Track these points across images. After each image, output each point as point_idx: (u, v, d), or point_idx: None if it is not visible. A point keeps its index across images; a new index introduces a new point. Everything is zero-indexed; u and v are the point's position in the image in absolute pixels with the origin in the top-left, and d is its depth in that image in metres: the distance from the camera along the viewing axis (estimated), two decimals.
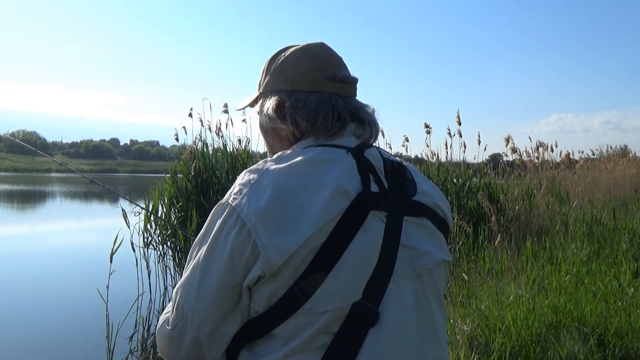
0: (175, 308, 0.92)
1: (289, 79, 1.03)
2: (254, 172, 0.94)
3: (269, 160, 0.96)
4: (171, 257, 6.23)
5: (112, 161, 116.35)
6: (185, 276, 0.93)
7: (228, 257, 0.87)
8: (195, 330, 0.90)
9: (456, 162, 8.08)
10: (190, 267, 0.92)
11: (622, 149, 18.28)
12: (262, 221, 0.85)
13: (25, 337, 4.65)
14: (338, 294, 0.85)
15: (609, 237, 5.89)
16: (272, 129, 1.08)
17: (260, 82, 1.10)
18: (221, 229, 0.89)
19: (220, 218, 0.91)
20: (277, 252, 0.83)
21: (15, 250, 9.26)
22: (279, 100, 1.02)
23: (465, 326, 3.12)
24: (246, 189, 0.90)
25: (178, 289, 0.93)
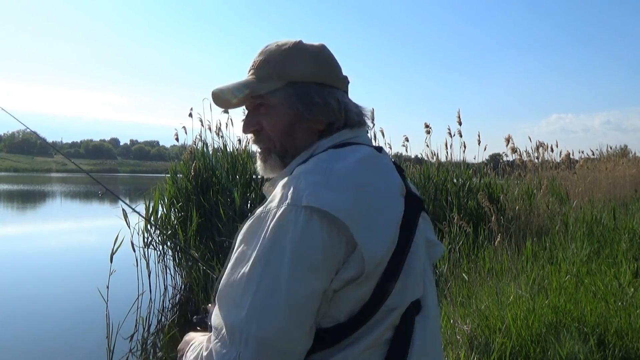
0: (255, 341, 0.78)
1: (329, 74, 1.04)
2: (317, 173, 0.88)
3: (321, 159, 0.92)
4: (171, 257, 6.23)
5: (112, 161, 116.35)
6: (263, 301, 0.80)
7: (321, 260, 0.81)
8: (283, 356, 0.80)
9: (456, 162, 8.09)
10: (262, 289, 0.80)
11: (622, 149, 18.27)
12: (355, 219, 0.82)
13: (25, 337, 4.65)
14: (408, 290, 0.90)
15: (609, 237, 5.88)
16: (306, 121, 1.01)
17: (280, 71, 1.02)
18: (310, 235, 0.81)
19: (298, 224, 0.81)
20: (375, 250, 0.83)
21: (15, 250, 9.26)
22: (333, 93, 1.02)
23: (465, 326, 3.12)
24: (322, 188, 0.84)
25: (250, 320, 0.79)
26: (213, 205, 5.97)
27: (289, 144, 1.03)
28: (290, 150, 1.03)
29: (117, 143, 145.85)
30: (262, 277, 0.81)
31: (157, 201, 6.20)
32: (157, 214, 6.18)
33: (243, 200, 6.11)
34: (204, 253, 5.88)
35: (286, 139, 1.02)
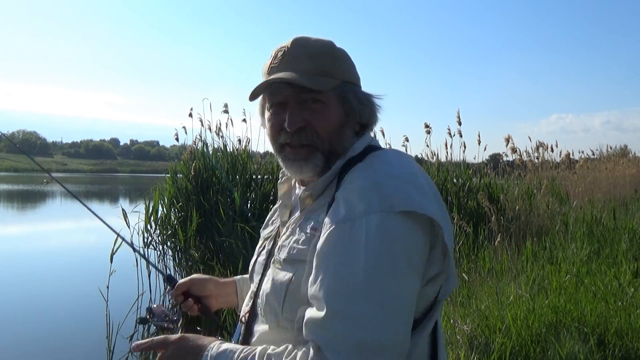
0: (351, 352, 0.78)
1: (356, 73, 1.06)
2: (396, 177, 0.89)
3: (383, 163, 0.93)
4: (171, 257, 6.23)
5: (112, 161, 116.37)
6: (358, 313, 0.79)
7: (419, 262, 0.86)
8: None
9: (456, 162, 8.09)
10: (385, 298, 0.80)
11: (622, 149, 18.27)
12: (443, 220, 0.88)
13: (25, 337, 4.65)
14: (451, 282, 0.96)
15: (609, 237, 5.89)
16: (353, 122, 1.03)
17: (336, 70, 1.01)
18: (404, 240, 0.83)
19: (394, 229, 0.83)
20: (451, 248, 0.90)
21: (15, 250, 9.26)
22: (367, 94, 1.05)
23: (465, 326, 3.12)
24: (410, 192, 0.86)
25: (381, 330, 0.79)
26: (213, 205, 5.97)
27: (337, 144, 1.00)
28: (337, 150, 1.00)
29: (117, 143, 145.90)
30: (382, 287, 0.81)
31: (157, 201, 6.20)
32: (157, 214, 6.18)
33: (243, 200, 6.11)
34: (204, 253, 5.89)
35: (336, 139, 1.00)
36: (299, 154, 1.00)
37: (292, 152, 1.01)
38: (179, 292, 1.27)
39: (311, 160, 0.99)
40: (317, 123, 0.98)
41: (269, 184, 6.55)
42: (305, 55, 0.99)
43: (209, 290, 1.29)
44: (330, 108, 0.99)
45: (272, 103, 1.03)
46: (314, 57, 0.99)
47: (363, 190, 0.87)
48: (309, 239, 0.94)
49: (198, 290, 1.28)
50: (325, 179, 0.98)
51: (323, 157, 0.99)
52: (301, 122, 0.98)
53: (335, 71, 1.00)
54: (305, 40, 1.01)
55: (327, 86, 0.98)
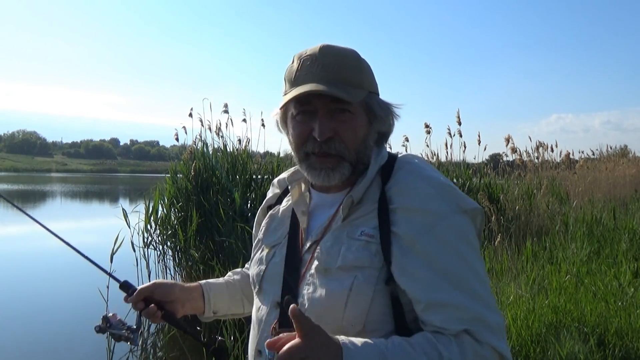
0: (502, 329, 0.94)
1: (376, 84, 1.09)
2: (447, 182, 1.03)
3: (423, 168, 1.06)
4: (171, 257, 6.23)
5: (112, 161, 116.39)
6: (480, 296, 0.93)
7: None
8: None
9: (456, 162, 8.08)
10: (484, 288, 0.95)
11: (622, 149, 18.26)
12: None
13: (25, 337, 4.65)
14: None
15: (609, 237, 5.89)
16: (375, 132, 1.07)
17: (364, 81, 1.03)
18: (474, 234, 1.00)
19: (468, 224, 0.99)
20: None
21: (15, 250, 9.26)
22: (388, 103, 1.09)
23: None
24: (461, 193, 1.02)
25: (490, 311, 0.93)
26: (213, 205, 5.97)
27: (362, 154, 1.03)
28: (363, 159, 1.03)
29: (117, 143, 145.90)
30: (479, 274, 0.96)
31: (157, 201, 6.20)
32: (157, 214, 6.18)
33: (243, 200, 6.11)
34: (204, 253, 5.88)
35: (361, 149, 1.03)
36: (326, 163, 1.01)
37: (319, 161, 1.02)
38: (139, 298, 1.21)
39: (338, 170, 1.01)
40: (345, 133, 1.00)
41: (269, 184, 6.54)
42: (334, 65, 0.99)
43: (174, 295, 1.23)
44: (357, 118, 1.01)
45: (298, 111, 1.02)
46: (342, 67, 1.00)
47: (427, 193, 0.98)
48: (365, 245, 0.97)
49: (162, 296, 1.22)
50: (364, 184, 1.02)
51: (350, 166, 1.02)
52: (330, 131, 0.99)
53: (362, 82, 1.02)
54: (333, 49, 1.02)
55: (357, 97, 0.99)
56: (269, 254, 1.13)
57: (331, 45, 1.03)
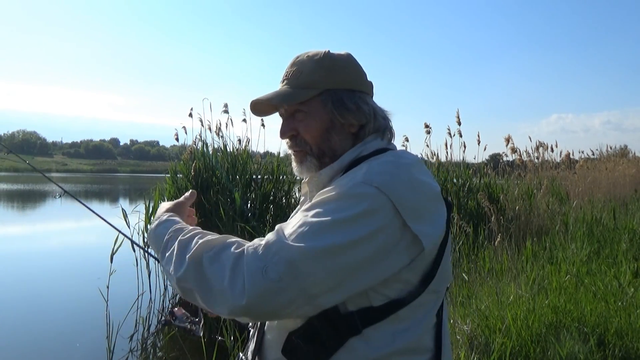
0: (286, 262, 0.85)
1: (358, 80, 1.14)
2: (388, 163, 0.99)
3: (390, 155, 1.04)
4: None
5: (112, 161, 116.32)
6: (307, 237, 0.87)
7: (376, 237, 0.90)
8: (301, 291, 0.86)
9: (456, 162, 8.08)
10: (321, 232, 0.88)
11: (622, 149, 18.27)
12: (415, 211, 0.94)
13: (25, 337, 4.66)
14: (447, 274, 1.05)
15: (609, 237, 5.89)
16: (340, 125, 1.10)
17: (315, 80, 1.09)
18: (372, 208, 0.90)
19: (366, 196, 0.91)
20: (428, 240, 0.95)
21: (15, 250, 9.26)
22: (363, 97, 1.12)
23: (465, 326, 3.12)
24: (393, 177, 0.95)
25: (290, 245, 0.87)
26: (213, 205, 5.98)
27: (325, 147, 1.11)
28: (327, 152, 1.11)
29: (117, 143, 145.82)
30: (318, 223, 0.89)
31: (157, 201, 6.20)
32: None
33: (243, 200, 6.11)
34: None
35: (323, 143, 1.11)
36: (297, 158, 1.15)
37: (294, 157, 1.16)
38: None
39: (304, 163, 1.13)
40: (302, 131, 1.11)
41: (269, 184, 6.55)
42: (290, 72, 1.12)
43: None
44: (312, 116, 1.10)
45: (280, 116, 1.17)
46: (296, 72, 1.11)
47: (358, 169, 1.00)
48: None
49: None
50: (330, 168, 1.09)
51: (315, 159, 1.11)
52: (290, 131, 1.13)
53: (317, 82, 1.09)
54: (298, 58, 1.13)
55: (302, 98, 1.09)
56: None
57: (303, 53, 1.14)
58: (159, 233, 1.09)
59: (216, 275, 0.89)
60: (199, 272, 0.91)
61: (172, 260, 0.98)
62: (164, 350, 4.52)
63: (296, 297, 0.86)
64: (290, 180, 6.72)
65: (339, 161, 1.09)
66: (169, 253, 1.00)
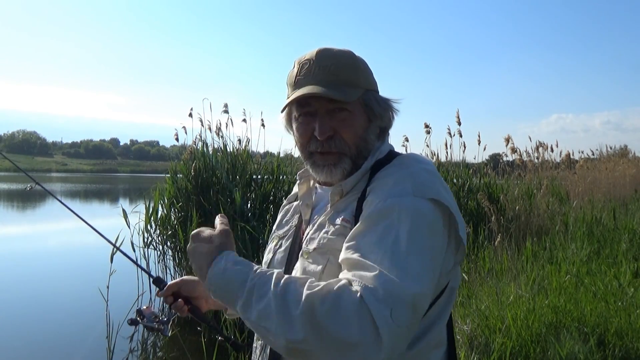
0: (409, 306, 0.83)
1: (374, 81, 1.14)
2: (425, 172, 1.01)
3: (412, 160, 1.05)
4: (171, 257, 6.23)
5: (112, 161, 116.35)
6: (408, 270, 0.85)
7: (440, 243, 0.96)
8: (418, 317, 0.88)
9: (456, 162, 8.08)
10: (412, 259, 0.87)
11: (622, 149, 18.26)
12: (458, 215, 1.00)
13: (25, 337, 4.66)
14: (459, 273, 1.11)
15: (609, 237, 5.89)
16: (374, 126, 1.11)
17: (359, 79, 1.08)
18: (437, 221, 0.95)
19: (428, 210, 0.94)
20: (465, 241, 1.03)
21: (15, 251, 9.26)
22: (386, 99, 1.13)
23: (465, 326, 3.12)
24: (437, 186, 0.99)
25: (401, 282, 0.83)
26: (213, 205, 5.97)
27: (363, 148, 1.09)
28: (364, 153, 1.09)
29: (117, 143, 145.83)
30: (411, 251, 0.88)
31: (157, 201, 6.20)
32: (157, 214, 6.18)
33: (243, 200, 6.11)
34: None
35: (361, 143, 1.08)
36: (328, 160, 1.08)
37: (321, 158, 1.09)
38: (168, 292, 1.27)
39: (340, 165, 1.08)
40: (344, 131, 1.06)
41: (269, 184, 6.55)
42: (331, 67, 1.06)
43: (200, 292, 1.28)
44: (355, 116, 1.07)
45: (300, 113, 1.09)
46: (338, 68, 1.06)
47: (399, 179, 0.99)
48: (340, 230, 1.02)
49: (188, 291, 1.28)
50: (356, 176, 1.08)
51: (351, 161, 1.08)
52: (330, 130, 1.06)
53: (359, 81, 1.08)
54: (329, 52, 1.08)
55: (353, 97, 1.05)
56: (277, 244, 1.22)
57: (328, 48, 1.09)
58: (232, 278, 0.93)
59: (341, 330, 0.80)
60: (318, 330, 0.81)
61: (270, 316, 0.85)
62: (164, 350, 4.52)
63: (415, 326, 0.90)
64: (290, 180, 6.71)
65: (363, 169, 1.08)
66: (262, 307, 0.86)
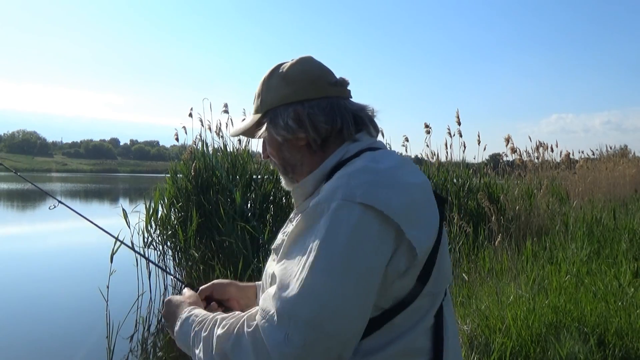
0: (304, 323, 0.79)
1: (298, 90, 1.08)
2: (366, 171, 0.93)
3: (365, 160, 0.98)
4: (171, 257, 6.24)
5: (112, 161, 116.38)
6: (313, 286, 0.82)
7: (373, 254, 0.86)
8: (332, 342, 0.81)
9: (456, 162, 8.09)
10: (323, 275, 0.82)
11: (622, 149, 18.26)
12: (406, 217, 0.89)
13: (25, 337, 4.65)
14: (445, 274, 1.01)
15: (609, 237, 5.89)
16: (287, 142, 1.09)
17: (262, 102, 1.12)
18: (363, 229, 0.85)
19: (352, 218, 0.85)
20: (421, 244, 0.91)
21: (15, 251, 9.26)
22: (295, 110, 1.07)
23: (465, 326, 3.12)
24: (375, 186, 0.90)
25: (301, 303, 0.80)
26: (213, 205, 5.98)
27: (285, 164, 1.13)
28: (288, 168, 1.13)
29: (117, 143, 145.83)
30: (315, 265, 0.83)
31: (157, 201, 6.20)
32: (157, 214, 6.18)
33: (243, 200, 6.11)
34: (204, 253, 5.89)
35: (282, 160, 1.14)
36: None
37: None
38: (201, 297, 1.30)
39: (283, 178, 1.18)
40: (269, 151, 1.16)
41: (269, 184, 6.55)
42: (256, 93, 1.16)
43: (231, 294, 1.33)
44: (267, 138, 1.14)
45: None
46: (256, 94, 1.15)
47: (335, 181, 0.93)
48: None
49: (220, 294, 1.33)
50: (313, 176, 1.07)
51: (284, 174, 1.16)
52: (264, 152, 1.18)
53: (262, 104, 1.12)
54: (265, 74, 1.15)
55: (249, 125, 1.15)
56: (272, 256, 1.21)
57: (273, 67, 1.15)
58: (185, 331, 1.05)
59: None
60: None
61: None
62: (164, 350, 4.52)
63: (330, 349, 0.81)
64: None
65: (321, 168, 1.05)
66: (198, 352, 0.97)
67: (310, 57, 1.15)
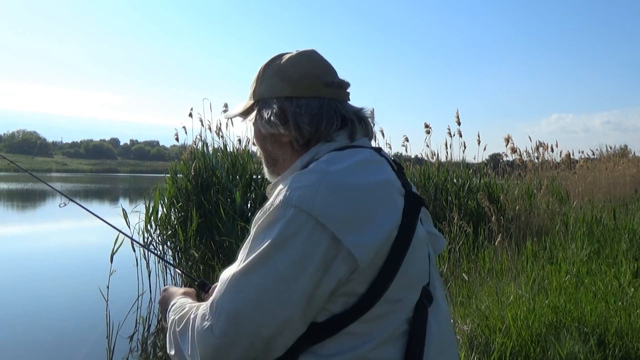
0: (225, 315, 0.85)
1: (290, 85, 1.06)
2: (313, 173, 0.92)
3: (320, 161, 0.96)
4: (171, 257, 6.24)
5: (112, 161, 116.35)
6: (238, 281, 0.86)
7: (306, 260, 0.85)
8: (251, 336, 0.85)
9: (456, 162, 8.10)
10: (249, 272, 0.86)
11: (622, 149, 18.26)
12: (344, 222, 0.86)
13: (25, 337, 4.65)
14: (413, 280, 0.95)
15: (609, 237, 5.89)
16: (271, 136, 1.09)
17: (255, 90, 1.11)
18: (293, 232, 0.85)
19: (285, 220, 0.86)
20: (363, 251, 0.86)
21: (15, 251, 9.26)
22: (281, 106, 1.05)
23: (465, 326, 3.12)
24: (314, 190, 0.88)
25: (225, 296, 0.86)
26: (213, 205, 5.98)
27: (267, 156, 1.14)
28: (269, 161, 1.14)
29: (117, 143, 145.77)
30: (246, 262, 0.87)
31: (157, 201, 6.20)
32: (157, 214, 6.18)
33: (243, 200, 6.11)
34: (204, 253, 5.89)
35: (265, 152, 1.14)
36: None
37: None
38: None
39: (265, 168, 1.18)
40: (254, 140, 1.17)
41: (269, 184, 6.55)
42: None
43: None
44: (254, 128, 1.13)
45: None
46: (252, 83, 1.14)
47: (284, 183, 0.93)
48: None
49: None
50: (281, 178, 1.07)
51: (267, 167, 1.16)
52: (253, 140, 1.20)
53: (254, 93, 1.11)
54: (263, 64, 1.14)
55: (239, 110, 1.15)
56: None
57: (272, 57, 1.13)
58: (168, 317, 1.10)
59: (184, 346, 0.94)
60: (178, 348, 0.96)
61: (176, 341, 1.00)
62: (164, 350, 4.52)
63: (250, 345, 0.85)
64: None
65: (292, 168, 1.04)
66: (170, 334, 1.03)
67: (311, 52, 1.11)
